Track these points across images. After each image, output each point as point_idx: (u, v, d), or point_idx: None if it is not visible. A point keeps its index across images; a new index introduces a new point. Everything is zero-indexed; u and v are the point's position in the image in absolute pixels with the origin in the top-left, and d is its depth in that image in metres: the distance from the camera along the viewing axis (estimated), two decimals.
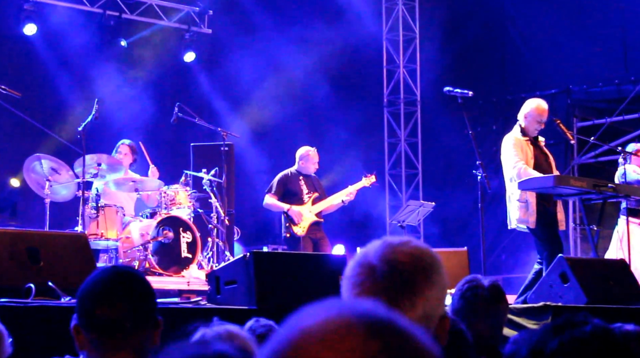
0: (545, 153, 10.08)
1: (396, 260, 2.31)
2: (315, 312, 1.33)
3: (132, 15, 15.54)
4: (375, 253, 2.33)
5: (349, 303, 1.36)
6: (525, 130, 9.87)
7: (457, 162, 17.03)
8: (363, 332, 1.28)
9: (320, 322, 1.30)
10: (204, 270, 11.14)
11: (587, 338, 1.96)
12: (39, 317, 5.91)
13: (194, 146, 14.31)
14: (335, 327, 1.29)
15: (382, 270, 2.29)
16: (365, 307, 1.34)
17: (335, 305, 1.34)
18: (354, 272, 2.33)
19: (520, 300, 9.34)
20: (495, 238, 15.93)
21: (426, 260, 2.35)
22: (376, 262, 2.31)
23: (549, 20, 16.74)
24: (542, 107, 9.94)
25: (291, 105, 16.58)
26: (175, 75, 16.05)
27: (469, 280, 4.69)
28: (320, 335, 1.28)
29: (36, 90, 14.27)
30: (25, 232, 7.48)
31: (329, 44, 16.85)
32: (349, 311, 1.32)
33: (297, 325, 1.31)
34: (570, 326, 2.00)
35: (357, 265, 2.34)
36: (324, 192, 12.25)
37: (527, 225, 9.59)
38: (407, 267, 2.30)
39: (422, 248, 2.38)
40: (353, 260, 2.37)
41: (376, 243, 2.38)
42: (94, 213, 11.16)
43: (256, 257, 6.97)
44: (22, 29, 14.28)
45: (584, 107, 16.52)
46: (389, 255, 2.32)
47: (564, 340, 1.97)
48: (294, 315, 1.35)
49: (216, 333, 3.45)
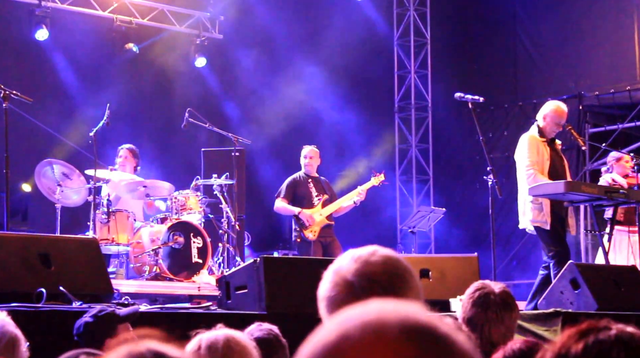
0: (561, 156, 10.09)
1: (372, 272, 2.29)
2: (354, 315, 1.33)
3: (143, 20, 15.57)
4: (348, 269, 2.31)
5: (388, 307, 1.35)
6: (543, 131, 9.87)
7: (468, 168, 17.02)
8: (401, 336, 1.28)
9: (359, 325, 1.30)
10: (214, 276, 11.15)
11: (612, 342, 1.96)
12: (50, 322, 5.92)
13: (204, 151, 14.32)
14: (373, 331, 1.29)
15: (360, 285, 2.27)
16: (404, 311, 1.33)
17: (375, 309, 1.34)
18: (331, 291, 2.31)
19: (530, 306, 9.33)
20: (506, 245, 15.91)
21: (398, 265, 2.35)
22: (352, 278, 2.29)
23: (560, 26, 16.72)
24: (562, 109, 9.95)
25: (302, 111, 16.58)
26: (186, 81, 16.06)
27: (479, 287, 4.66)
28: (358, 339, 1.29)
29: (47, 95, 14.30)
30: (37, 237, 7.51)
31: (340, 49, 16.85)
32: (387, 315, 1.32)
33: (336, 328, 1.32)
34: (594, 330, 2.00)
35: (332, 285, 2.32)
36: (334, 193, 12.24)
37: (541, 226, 9.58)
38: (384, 277, 2.29)
39: (391, 255, 2.37)
40: (325, 280, 2.34)
41: (345, 259, 2.36)
42: (105, 218, 11.18)
43: (266, 262, 6.98)
44: (34, 35, 14.31)
45: (596, 113, 16.48)
46: (363, 268, 2.30)
47: (589, 344, 1.97)
48: (334, 318, 1.35)
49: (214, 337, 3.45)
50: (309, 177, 12.05)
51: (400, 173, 18.09)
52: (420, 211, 13.33)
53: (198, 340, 3.48)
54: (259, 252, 13.98)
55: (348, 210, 12.21)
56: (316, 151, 12.21)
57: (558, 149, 10.06)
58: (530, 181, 9.56)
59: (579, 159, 15.77)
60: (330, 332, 1.31)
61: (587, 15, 16.44)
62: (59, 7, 14.69)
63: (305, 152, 12.16)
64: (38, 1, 14.38)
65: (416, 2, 18.25)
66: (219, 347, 3.43)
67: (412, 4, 18.22)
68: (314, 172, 12.14)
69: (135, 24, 15.38)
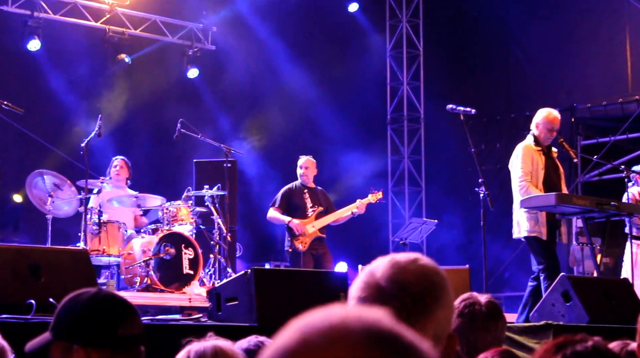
0: (556, 165, 10.08)
1: (405, 280, 2.23)
2: (317, 320, 1.30)
3: (135, 31, 15.56)
4: (382, 274, 2.24)
5: (353, 312, 1.32)
6: (538, 139, 9.87)
7: (461, 180, 17.02)
8: (364, 343, 1.26)
9: (321, 330, 1.28)
10: (205, 287, 11.12)
11: (590, 353, 1.96)
12: (39, 333, 5.89)
13: (196, 162, 14.30)
14: (335, 338, 1.26)
15: (391, 292, 2.21)
16: (369, 317, 1.31)
17: (339, 313, 1.31)
18: (361, 292, 2.24)
19: (521, 318, 9.31)
20: (498, 257, 15.90)
21: (435, 279, 2.28)
22: (384, 283, 2.22)
23: (553, 38, 16.75)
24: (554, 115, 9.95)
25: (294, 122, 16.59)
26: (179, 92, 16.06)
27: (465, 298, 4.66)
28: (319, 344, 1.26)
29: (39, 105, 14.28)
30: (27, 248, 7.47)
31: (332, 60, 16.88)
32: (351, 321, 1.29)
33: (297, 333, 1.29)
34: (571, 343, 2.00)
35: (364, 286, 2.25)
36: (331, 204, 12.17)
37: (538, 236, 9.57)
38: (416, 288, 2.23)
39: (430, 267, 2.30)
40: (359, 280, 2.27)
41: (383, 262, 2.28)
42: (96, 229, 11.16)
43: (257, 274, 6.95)
44: (26, 45, 14.31)
45: (588, 125, 16.51)
46: (397, 275, 2.23)
47: (567, 355, 1.97)
48: (297, 320, 1.32)
49: (203, 348, 3.44)
50: (305, 188, 12.00)
51: (392, 184, 18.09)
52: (412, 223, 13.30)
53: (187, 351, 3.47)
54: (250, 263, 13.96)
55: (346, 220, 12.18)
56: (312, 161, 12.17)
57: (554, 157, 10.06)
58: (523, 193, 9.56)
59: (571, 171, 15.78)
60: (291, 337, 1.28)
61: (579, 28, 16.48)
62: (51, 18, 14.69)
63: (301, 163, 12.13)
64: (30, 12, 14.38)
65: (409, 13, 18.28)
66: (207, 357, 3.42)
67: (405, 16, 18.25)
68: (310, 183, 12.09)
69: (127, 34, 15.38)
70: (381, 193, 12.40)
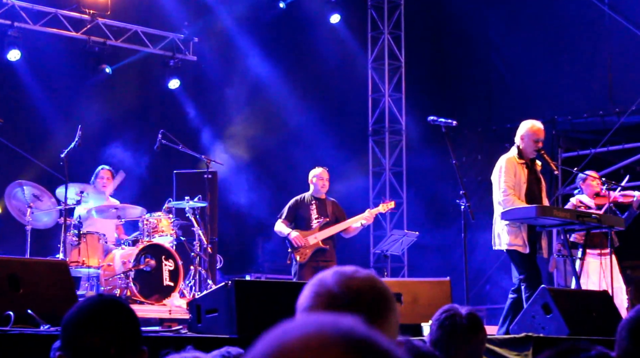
0: (539, 178, 10.06)
1: (358, 287, 2.23)
2: (294, 327, 1.30)
3: (116, 41, 15.52)
4: (333, 282, 2.24)
5: (329, 320, 1.33)
6: (523, 152, 9.85)
7: (442, 192, 17.02)
8: (342, 349, 1.26)
9: (299, 337, 1.28)
10: (185, 299, 11.08)
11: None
12: (17, 345, 5.85)
13: (177, 173, 14.26)
14: (314, 343, 1.27)
15: (344, 299, 2.20)
16: (345, 324, 1.32)
17: (315, 321, 1.31)
18: (312, 302, 2.22)
19: (502, 330, 9.31)
20: (480, 269, 15.91)
21: (382, 286, 2.30)
22: (337, 290, 2.22)
23: (534, 51, 16.81)
24: (537, 126, 9.96)
25: (275, 133, 16.58)
26: (160, 102, 16.03)
27: (446, 309, 4.66)
28: (298, 351, 1.26)
29: (19, 116, 14.22)
30: (6, 259, 7.42)
31: (314, 72, 16.88)
32: (328, 327, 1.30)
33: (275, 341, 1.29)
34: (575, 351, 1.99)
35: (314, 295, 2.23)
36: (343, 215, 12.00)
37: (518, 249, 9.56)
38: (370, 296, 2.24)
39: (373, 275, 2.32)
40: (307, 291, 2.26)
41: (329, 273, 2.28)
42: (76, 240, 11.11)
43: (237, 286, 6.92)
44: (6, 55, 14.24)
45: (569, 137, 16.57)
46: (349, 284, 2.23)
47: None
48: (273, 329, 1.32)
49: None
50: (314, 199, 11.85)
51: (373, 196, 18.07)
52: (394, 235, 13.29)
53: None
54: (230, 275, 13.92)
55: (357, 231, 12.09)
56: (327, 173, 12.06)
57: (537, 170, 10.05)
58: (509, 205, 9.54)
59: (552, 183, 15.81)
60: (268, 345, 1.28)
61: (561, 40, 16.53)
62: (31, 28, 14.63)
63: (317, 173, 11.93)
64: (10, 22, 14.32)
65: (391, 25, 18.31)
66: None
67: (387, 28, 18.28)
68: (323, 194, 11.97)
69: (108, 45, 15.34)
70: (393, 203, 12.37)
